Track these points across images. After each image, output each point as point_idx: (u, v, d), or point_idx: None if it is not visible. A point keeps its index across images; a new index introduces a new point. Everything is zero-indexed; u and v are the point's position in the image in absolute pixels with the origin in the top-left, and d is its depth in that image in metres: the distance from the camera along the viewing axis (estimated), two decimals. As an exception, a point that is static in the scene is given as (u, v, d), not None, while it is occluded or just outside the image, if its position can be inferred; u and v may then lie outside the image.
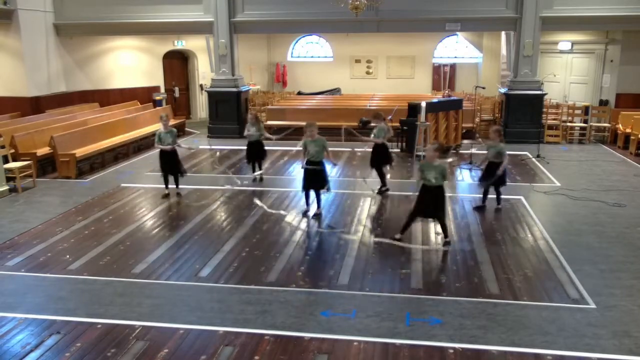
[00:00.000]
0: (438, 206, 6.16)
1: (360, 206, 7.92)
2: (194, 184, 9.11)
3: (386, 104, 14.76)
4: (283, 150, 12.26)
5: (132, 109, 14.28)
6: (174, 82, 17.34)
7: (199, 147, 12.69)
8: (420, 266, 5.74)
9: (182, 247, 6.34)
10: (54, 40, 13.75)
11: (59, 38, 13.91)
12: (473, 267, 5.70)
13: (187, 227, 7.05)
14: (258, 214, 7.57)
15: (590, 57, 14.50)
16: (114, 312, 4.78)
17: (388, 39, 19.18)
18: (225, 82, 13.87)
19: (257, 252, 6.18)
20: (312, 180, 7.24)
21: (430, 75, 20.34)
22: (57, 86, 13.94)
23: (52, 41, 13.69)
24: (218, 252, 6.17)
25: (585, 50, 14.58)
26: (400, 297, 5.04)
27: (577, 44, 14.71)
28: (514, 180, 9.32)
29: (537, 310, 4.77)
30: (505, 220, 7.20)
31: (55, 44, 13.79)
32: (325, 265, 5.78)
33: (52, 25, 13.74)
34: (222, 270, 5.67)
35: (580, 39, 14.58)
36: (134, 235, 6.81)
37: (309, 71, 20.75)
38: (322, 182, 7.24)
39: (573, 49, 14.85)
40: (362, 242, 6.46)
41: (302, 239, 6.64)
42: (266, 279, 5.44)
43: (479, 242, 6.40)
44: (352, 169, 10.29)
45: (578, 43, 14.68)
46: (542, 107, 12.86)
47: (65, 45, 14.11)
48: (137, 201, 8.34)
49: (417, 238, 6.55)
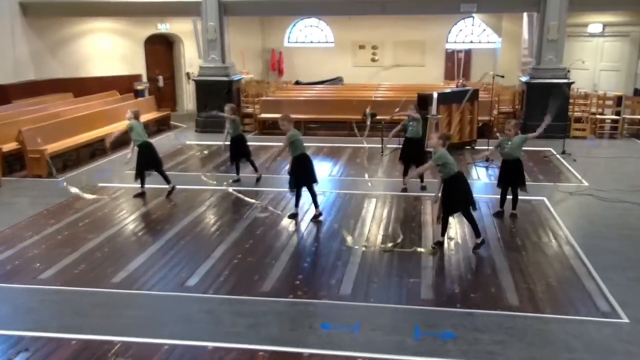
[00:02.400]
0: (455, 198, 6.21)
1: (364, 208, 7.94)
2: (181, 183, 9.14)
3: (393, 95, 14.81)
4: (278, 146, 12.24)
5: (111, 100, 14.30)
6: (158, 70, 17.37)
7: (187, 143, 12.73)
8: (431, 274, 5.76)
9: (167, 254, 6.37)
10: (20, 21, 13.74)
11: (27, 19, 13.89)
12: (490, 276, 5.72)
13: (173, 231, 7.08)
14: (251, 216, 7.60)
15: (623, 41, 14.47)
16: (91, 326, 4.80)
17: (395, 23, 19.21)
18: (214, 70, 13.90)
19: (251, 258, 6.20)
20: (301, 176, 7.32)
21: (442, 62, 20.38)
22: (24, 73, 13.95)
23: (18, 22, 13.68)
24: (207, 259, 6.19)
25: (619, 32, 14.54)
26: (408, 308, 5.07)
27: (609, 25, 14.67)
28: (536, 179, 9.35)
29: (561, 324, 4.80)
30: (526, 224, 7.23)
31: (22, 26, 13.79)
32: (325, 274, 5.81)
33: (18, 4, 13.73)
34: (211, 279, 5.70)
35: (612, 20, 14.55)
36: (113, 241, 6.83)
37: (308, 58, 20.78)
38: (310, 176, 7.33)
39: (604, 32, 14.82)
40: (367, 248, 6.49)
41: (300, 244, 6.67)
42: (260, 288, 5.46)
43: (496, 248, 6.43)
44: (355, 168, 10.32)
45: (610, 25, 14.64)
46: (568, 98, 12.87)
47: (34, 27, 14.11)
48: (117, 202, 8.36)
49: (428, 243, 6.58)
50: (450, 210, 6.38)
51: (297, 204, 7.53)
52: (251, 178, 9.40)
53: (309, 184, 7.39)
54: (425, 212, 7.70)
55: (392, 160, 10.59)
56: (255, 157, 10.99)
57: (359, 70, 20.54)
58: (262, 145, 12.23)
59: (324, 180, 9.14)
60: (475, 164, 10.26)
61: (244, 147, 9.18)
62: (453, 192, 6.22)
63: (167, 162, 10.82)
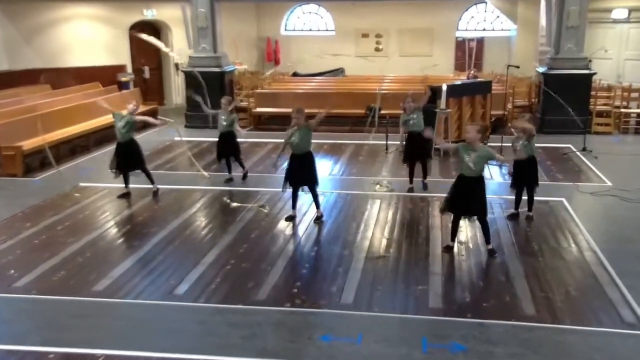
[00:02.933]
0: (477, 201, 6.21)
1: (367, 210, 7.95)
2: (170, 182, 9.15)
3: (399, 87, 14.83)
4: (274, 142, 12.30)
5: (93, 93, 14.30)
6: (143, 61, 17.39)
7: (174, 139, 12.72)
8: (440, 281, 5.78)
9: (155, 259, 6.37)
10: (-9, 6, 13.75)
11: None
12: (504, 283, 5.73)
13: (161, 235, 7.09)
14: (245, 218, 7.61)
15: (651, 28, 14.46)
16: (71, 339, 4.81)
17: (401, 9, 19.24)
18: (205, 60, 13.90)
19: (245, 264, 6.21)
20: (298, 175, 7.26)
21: (452, 52, 20.39)
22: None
23: (-12, 7, 13.69)
24: (198, 265, 6.20)
25: (646, 18, 14.54)
26: (415, 318, 5.08)
27: (636, 10, 14.64)
28: (554, 178, 9.36)
29: (582, 335, 4.81)
30: (544, 227, 7.24)
31: (-7, 11, 13.79)
32: (325, 280, 5.82)
33: (-11, -13, 13.74)
34: (202, 286, 5.71)
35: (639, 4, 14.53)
36: (95, 245, 6.84)
37: (307, 48, 20.78)
38: (310, 176, 7.29)
39: (630, 18, 14.79)
40: (370, 252, 6.50)
41: (298, 248, 6.68)
42: (256, 296, 5.47)
43: (511, 253, 6.44)
44: (357, 167, 10.33)
45: (637, 10, 14.61)
46: (589, 90, 12.89)
47: (7, 12, 14.11)
48: (99, 204, 8.37)
49: (436, 247, 6.59)
50: (466, 212, 6.38)
51: (294, 206, 7.55)
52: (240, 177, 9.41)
53: (311, 184, 7.37)
54: (433, 214, 7.71)
55: (397, 158, 10.60)
56: (251, 155, 11.04)
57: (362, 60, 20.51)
58: (257, 142, 12.23)
59: (324, 179, 9.14)
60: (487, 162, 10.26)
61: (234, 144, 9.17)
62: (475, 194, 6.21)
63: (154, 160, 10.85)
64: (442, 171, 9.93)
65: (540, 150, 7.40)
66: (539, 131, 12.75)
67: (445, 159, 10.51)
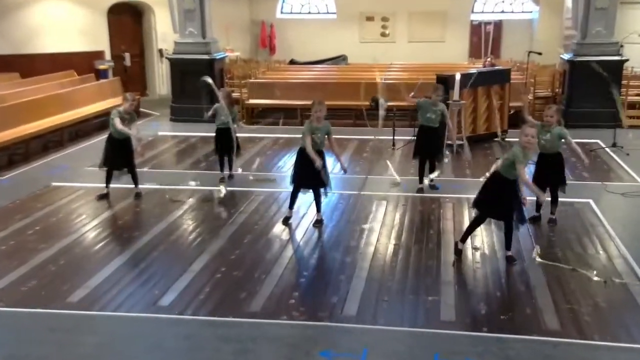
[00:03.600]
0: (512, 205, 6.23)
1: (372, 212, 7.96)
2: (153, 182, 9.14)
3: (407, 76, 14.82)
4: (271, 138, 12.31)
5: (67, 82, 14.34)
6: (124, 47, 17.41)
7: (158, 134, 12.74)
8: (453, 291, 5.78)
9: (137, 267, 6.38)
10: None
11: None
12: (524, 294, 5.74)
13: (144, 240, 7.09)
14: (238, 222, 7.62)
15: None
16: (42, 355, 4.80)
17: (411, -11, 19.28)
18: (193, 47, 13.93)
19: (237, 272, 6.22)
20: (309, 176, 7.16)
21: (466, 37, 20.43)
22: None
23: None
24: (185, 273, 6.20)
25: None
26: (426, 332, 5.08)
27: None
28: (580, 177, 9.37)
29: (612, 352, 4.81)
30: (568, 231, 7.23)
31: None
32: (326, 290, 5.82)
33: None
34: (190, 297, 5.71)
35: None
36: (70, 252, 6.84)
37: (305, 33, 20.83)
38: (321, 178, 7.15)
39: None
40: (375, 259, 6.50)
41: (295, 255, 6.69)
42: (249, 308, 5.47)
43: (532, 260, 6.44)
44: (361, 164, 10.34)
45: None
46: (620, 79, 12.87)
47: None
48: (75, 206, 8.37)
49: (448, 254, 6.60)
50: (494, 215, 6.39)
51: (292, 206, 7.55)
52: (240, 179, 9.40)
53: (322, 187, 7.31)
54: (445, 217, 7.72)
55: (405, 155, 10.61)
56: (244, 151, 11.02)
57: (366, 47, 20.58)
58: (251, 138, 12.24)
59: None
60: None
61: (230, 141, 9.08)
62: (511, 196, 6.20)
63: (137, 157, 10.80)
64: (455, 170, 9.93)
65: (564, 146, 7.35)
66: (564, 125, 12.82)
67: (459, 156, 10.50)
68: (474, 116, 11.45)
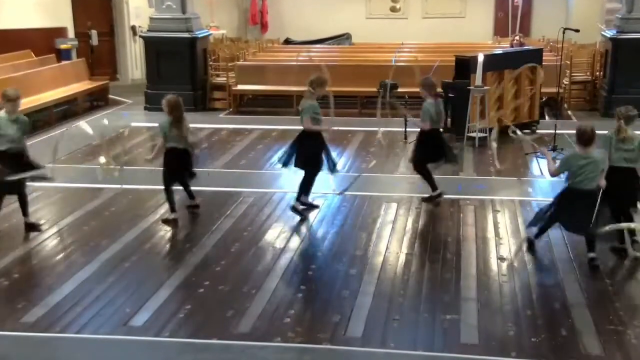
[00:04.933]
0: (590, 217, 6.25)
1: (380, 216, 7.97)
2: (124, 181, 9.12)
3: (422, 58, 14.82)
4: (260, 129, 12.32)
5: (23, 64, 14.32)
6: (90, 23, 17.37)
7: (132, 125, 12.75)
8: (475, 309, 5.77)
9: (104, 281, 6.35)
10: None
11: None
12: (559, 312, 5.74)
13: (113, 249, 7.07)
14: (224, 228, 7.63)
15: None
16: (-3, 382, 4.82)
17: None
18: (171, 23, 13.92)
19: (223, 286, 6.21)
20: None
21: (491, 12, 20.44)
22: None
23: None
24: (161, 288, 6.18)
25: None
26: (443, 357, 5.07)
27: None
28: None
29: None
30: (611, 240, 7.19)
31: None
32: (327, 308, 5.81)
33: None
34: (167, 315, 5.69)
35: None
36: (25, 263, 6.83)
37: (302, 8, 20.82)
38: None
39: None
40: (385, 271, 6.50)
41: (291, 266, 6.68)
42: (236, 328, 5.46)
43: (567, 273, 6.44)
44: (368, 160, 10.34)
45: None
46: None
47: None
48: (32, 209, 8.29)
49: (470, 266, 6.61)
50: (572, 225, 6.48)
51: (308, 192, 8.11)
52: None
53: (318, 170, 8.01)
54: (466, 222, 7.72)
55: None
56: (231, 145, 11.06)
57: (374, 23, 20.59)
58: (238, 129, 12.25)
59: (325, 177, 9.14)
60: (536, 155, 10.28)
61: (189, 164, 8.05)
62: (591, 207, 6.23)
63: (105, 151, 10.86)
64: (478, 167, 9.94)
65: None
66: (605, 114, 12.88)
67: (482, 150, 10.52)
68: (500, 104, 11.45)
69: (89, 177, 8.70)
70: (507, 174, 9.34)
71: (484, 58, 10.84)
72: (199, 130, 11.11)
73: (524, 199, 8.21)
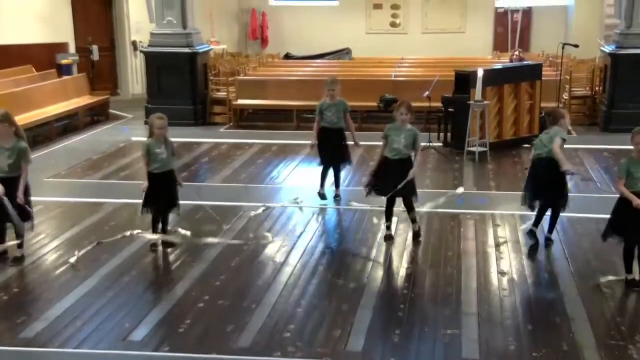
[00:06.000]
0: None
1: (380, 230, 7.94)
2: (124, 196, 9.16)
3: (421, 72, 14.91)
4: (261, 144, 12.34)
5: (24, 79, 14.35)
6: (91, 38, 17.44)
7: (131, 140, 12.76)
8: (476, 324, 5.76)
9: (104, 295, 6.34)
10: None
11: None
12: (559, 327, 5.72)
13: (113, 264, 7.06)
14: (224, 242, 7.62)
15: None
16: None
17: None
18: (171, 38, 13.97)
19: (222, 301, 6.20)
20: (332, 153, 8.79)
21: (491, 27, 20.52)
22: None
23: None
24: (161, 303, 6.18)
25: None
26: (445, 371, 5.07)
27: None
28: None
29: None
30: (612, 253, 7.18)
31: None
32: (327, 322, 5.80)
33: None
34: (166, 330, 5.69)
35: None
36: (24, 277, 6.82)
37: (302, 22, 20.90)
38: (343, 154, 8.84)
39: None
40: (385, 285, 6.50)
41: (290, 280, 6.67)
42: (236, 343, 5.45)
43: (568, 287, 6.43)
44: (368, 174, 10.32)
45: None
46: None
47: None
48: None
49: (470, 279, 6.60)
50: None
51: (323, 184, 8.88)
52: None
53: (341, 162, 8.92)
54: (466, 237, 7.71)
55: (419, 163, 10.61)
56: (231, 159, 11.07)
57: (374, 38, 20.67)
58: (238, 144, 12.26)
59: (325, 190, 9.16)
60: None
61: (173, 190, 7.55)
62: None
63: (104, 166, 10.89)
64: (478, 181, 9.94)
65: (606, 153, 7.37)
66: (604, 129, 12.90)
67: (482, 164, 10.53)
68: (500, 118, 11.48)
69: (88, 191, 8.66)
70: (507, 187, 9.36)
71: (483, 73, 10.87)
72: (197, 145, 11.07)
73: (525, 213, 8.18)
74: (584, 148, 11.60)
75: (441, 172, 10.33)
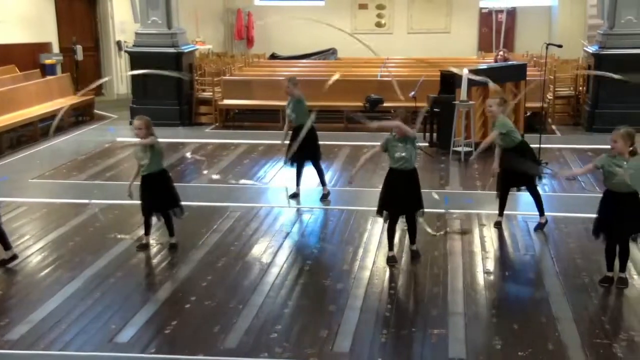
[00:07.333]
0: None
1: (367, 230, 7.98)
2: (109, 197, 9.12)
3: (407, 73, 14.92)
4: (247, 144, 12.33)
5: (7, 79, 14.26)
6: (75, 38, 17.34)
7: (117, 140, 12.71)
8: (462, 323, 5.78)
9: (90, 296, 6.32)
10: None
11: None
12: (545, 326, 5.74)
13: (98, 265, 7.04)
14: (210, 242, 7.62)
15: None
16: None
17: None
18: (156, 38, 13.95)
19: (209, 302, 6.19)
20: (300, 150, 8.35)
21: (475, 28, 20.60)
22: None
23: None
24: (147, 304, 6.16)
25: None
26: (432, 371, 5.08)
27: None
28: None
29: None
30: (597, 253, 7.22)
31: None
32: (314, 323, 5.80)
33: None
34: (153, 331, 5.67)
35: None
36: (8, 279, 6.78)
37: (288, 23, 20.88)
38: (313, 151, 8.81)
39: None
40: (372, 286, 6.50)
41: (277, 281, 6.67)
42: (223, 344, 5.44)
43: (554, 287, 6.46)
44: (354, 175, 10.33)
45: None
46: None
47: None
48: (16, 225, 8.28)
49: (456, 280, 6.62)
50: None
51: (299, 182, 8.98)
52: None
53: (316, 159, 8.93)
54: (452, 237, 7.74)
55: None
56: (218, 160, 11.05)
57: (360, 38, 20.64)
58: (225, 144, 12.23)
59: (311, 191, 9.17)
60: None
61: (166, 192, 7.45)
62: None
63: (90, 166, 10.83)
64: (464, 182, 9.98)
65: (590, 153, 7.42)
66: (588, 129, 12.98)
67: (467, 164, 10.56)
68: (485, 118, 11.51)
69: (73, 193, 8.62)
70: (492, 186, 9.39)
71: (468, 73, 10.88)
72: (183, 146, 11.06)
73: (510, 212, 8.23)
74: (568, 148, 11.70)
75: (427, 172, 10.35)
